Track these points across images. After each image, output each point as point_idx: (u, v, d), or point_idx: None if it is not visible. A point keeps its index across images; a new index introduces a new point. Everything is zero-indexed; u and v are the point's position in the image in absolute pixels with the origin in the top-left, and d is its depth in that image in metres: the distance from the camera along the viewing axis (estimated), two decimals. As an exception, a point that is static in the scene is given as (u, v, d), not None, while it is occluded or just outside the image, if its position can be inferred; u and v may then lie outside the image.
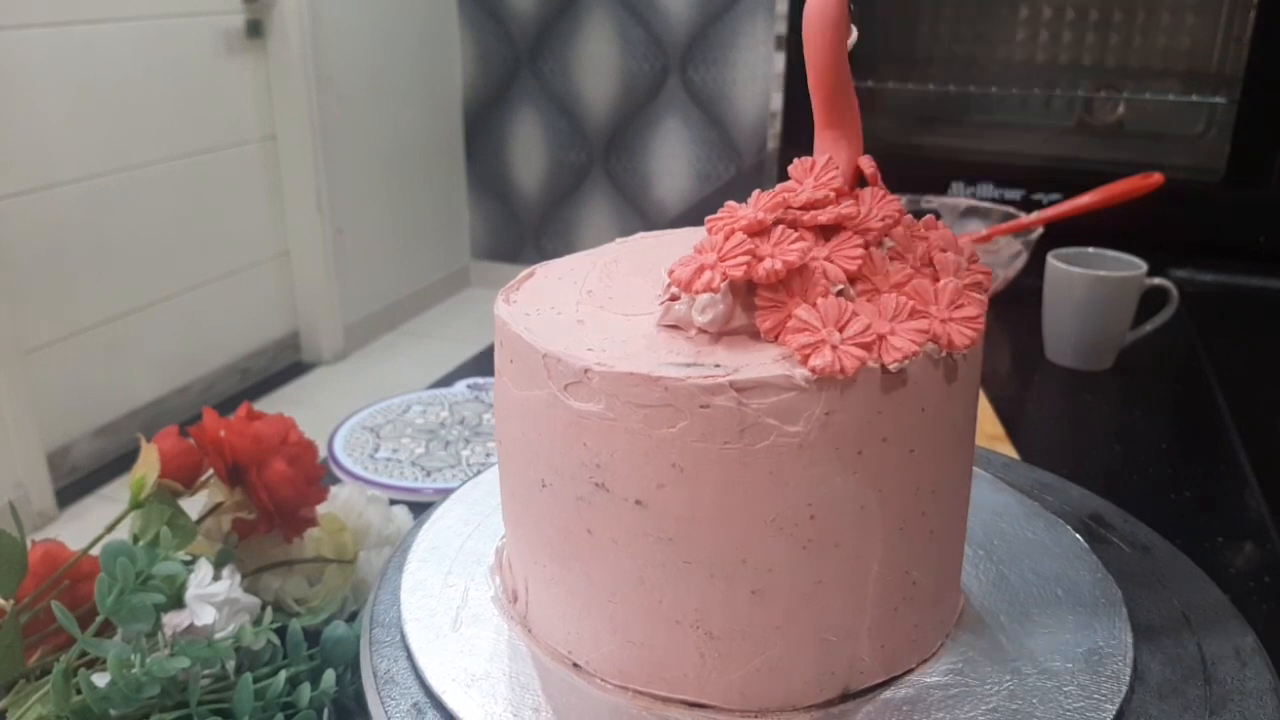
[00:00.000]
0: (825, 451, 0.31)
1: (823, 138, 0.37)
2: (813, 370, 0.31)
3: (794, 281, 0.32)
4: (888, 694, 0.35)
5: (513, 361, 0.35)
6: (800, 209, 0.34)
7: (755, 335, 0.33)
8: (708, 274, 0.32)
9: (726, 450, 0.31)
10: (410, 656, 0.37)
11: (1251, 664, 0.36)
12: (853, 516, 0.33)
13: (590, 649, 0.36)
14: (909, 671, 0.36)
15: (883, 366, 0.31)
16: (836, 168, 0.36)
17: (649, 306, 0.36)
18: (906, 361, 0.31)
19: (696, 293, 0.32)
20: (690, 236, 0.42)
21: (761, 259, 0.32)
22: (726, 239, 0.33)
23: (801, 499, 0.32)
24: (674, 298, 0.34)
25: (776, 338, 0.32)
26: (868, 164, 0.36)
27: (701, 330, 0.33)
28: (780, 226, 0.33)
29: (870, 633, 0.35)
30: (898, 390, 0.32)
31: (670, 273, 0.33)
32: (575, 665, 0.36)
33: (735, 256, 0.32)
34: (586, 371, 0.32)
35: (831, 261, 0.33)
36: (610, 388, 0.31)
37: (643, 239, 0.43)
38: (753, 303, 0.33)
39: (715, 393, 0.30)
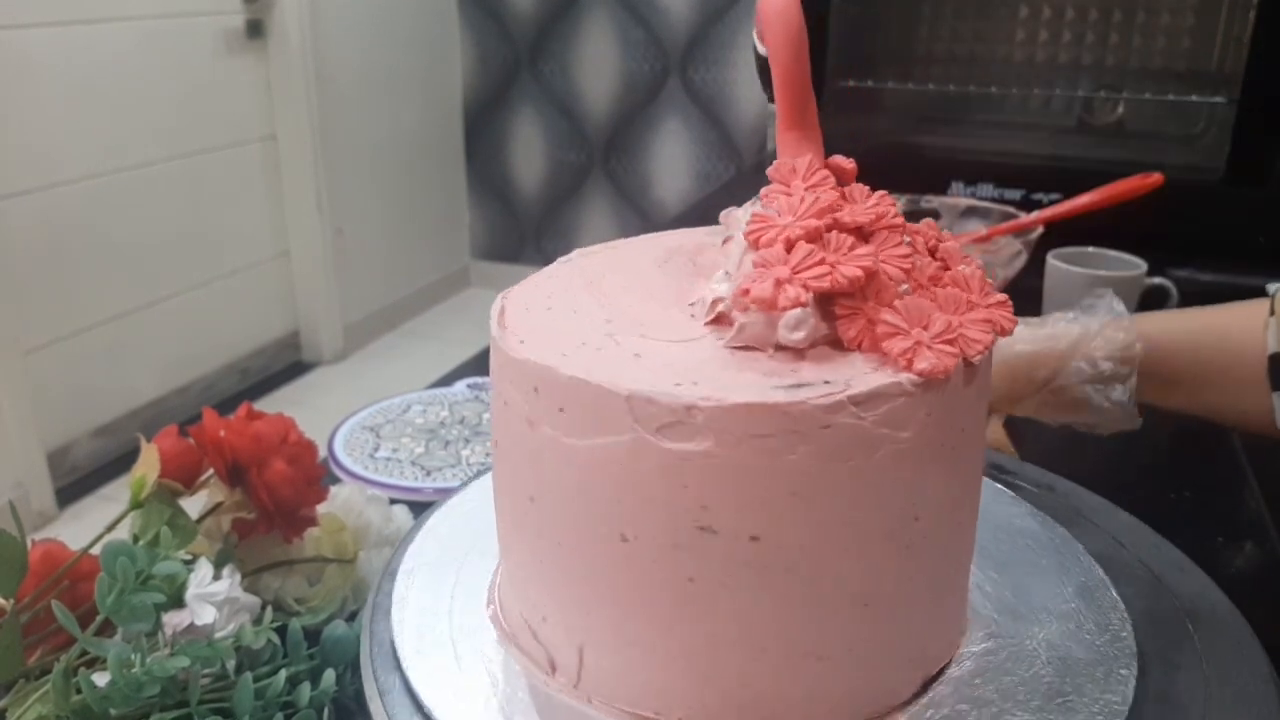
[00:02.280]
0: (927, 452, 0.31)
1: (787, 139, 0.37)
2: (919, 374, 0.30)
3: (867, 286, 0.32)
4: (953, 672, 0.36)
5: (564, 410, 0.31)
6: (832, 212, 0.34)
7: (833, 345, 0.32)
8: (791, 289, 0.31)
9: (846, 468, 0.30)
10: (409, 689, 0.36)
11: (1255, 671, 0.36)
12: (949, 513, 0.33)
13: (679, 704, 0.34)
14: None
15: (965, 360, 0.31)
16: (821, 168, 0.36)
17: (686, 329, 0.34)
18: (985, 352, 0.32)
19: (783, 309, 0.31)
20: (634, 248, 0.41)
21: (836, 266, 0.31)
22: (789, 250, 0.32)
23: (909, 503, 0.32)
24: (719, 318, 0.33)
25: (860, 345, 0.31)
26: (848, 162, 0.37)
27: (783, 347, 0.32)
28: (834, 232, 0.33)
29: (949, 620, 0.36)
30: (973, 382, 0.32)
31: (744, 293, 0.31)
32: None
33: (810, 268, 0.31)
34: (689, 409, 0.29)
35: (886, 262, 0.33)
36: (720, 423, 0.29)
37: (585, 255, 0.41)
38: (830, 312, 0.32)
39: (835, 411, 0.29)
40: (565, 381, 0.31)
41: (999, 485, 0.48)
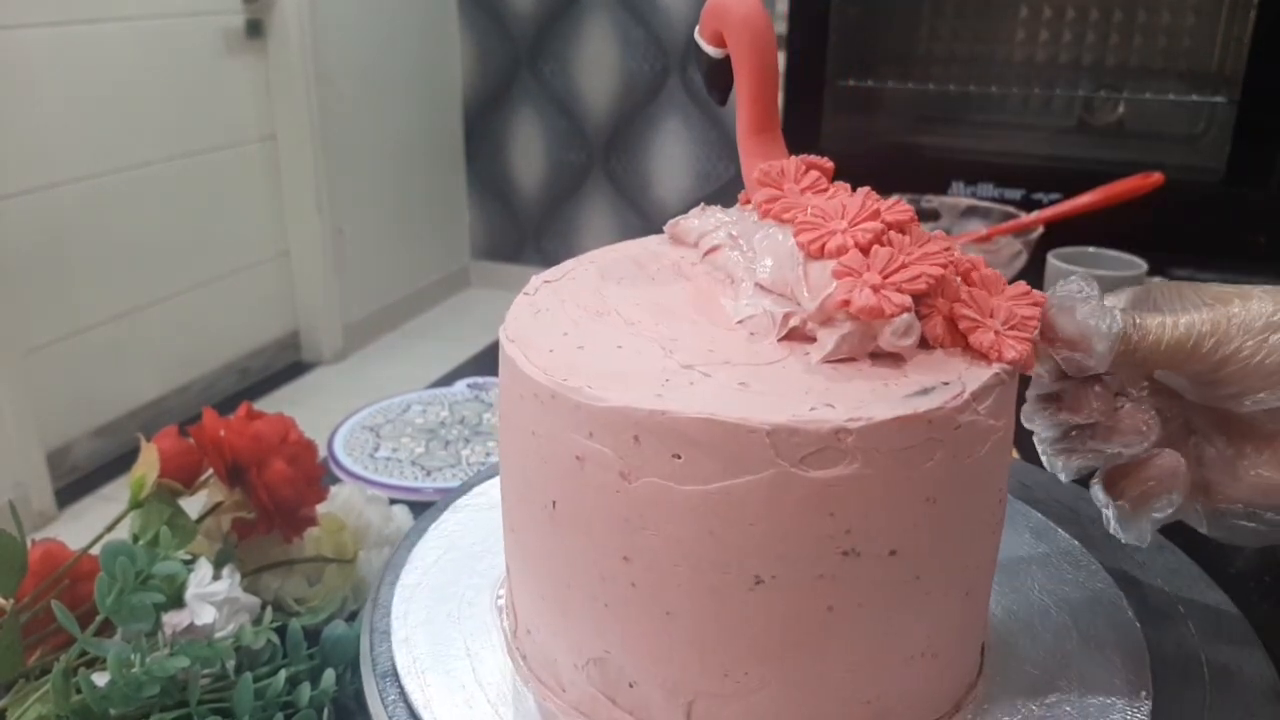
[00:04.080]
0: (1009, 435, 0.32)
1: (753, 142, 0.38)
2: (1010, 364, 0.31)
3: (939, 283, 0.32)
4: (991, 638, 0.37)
5: (680, 456, 0.29)
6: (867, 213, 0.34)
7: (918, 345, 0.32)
8: (894, 295, 0.31)
9: (966, 465, 0.30)
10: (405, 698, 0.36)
11: (1252, 666, 0.36)
12: (1006, 484, 0.34)
13: None
14: None
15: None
16: (810, 169, 0.36)
17: (758, 350, 0.32)
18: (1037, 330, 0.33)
19: (891, 316, 0.30)
20: (595, 266, 0.39)
21: (916, 267, 0.31)
22: (867, 254, 0.31)
23: (999, 487, 0.33)
24: (794, 333, 0.32)
25: (941, 342, 0.32)
26: (825, 161, 0.37)
27: (877, 355, 0.31)
28: (891, 232, 0.32)
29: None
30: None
31: (843, 304, 0.31)
32: None
33: (898, 270, 0.31)
34: (838, 433, 0.28)
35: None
36: (868, 442, 0.28)
37: (551, 281, 0.39)
38: (915, 311, 0.32)
39: (963, 411, 0.29)
40: (685, 424, 0.28)
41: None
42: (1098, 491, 0.36)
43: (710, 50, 0.40)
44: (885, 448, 0.28)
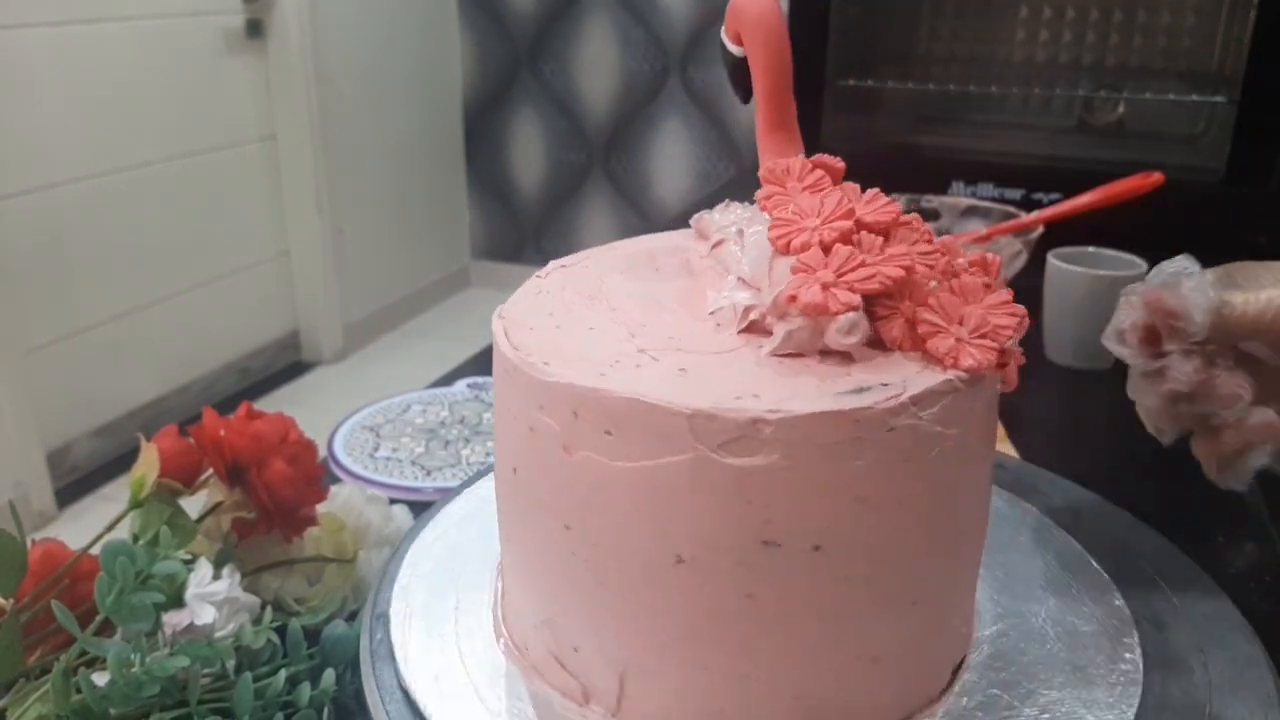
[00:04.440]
0: (972, 446, 0.32)
1: (769, 141, 0.38)
2: (967, 370, 0.30)
3: (903, 285, 0.32)
4: (973, 658, 0.37)
5: (611, 433, 0.30)
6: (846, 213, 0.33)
7: (873, 345, 0.32)
8: (842, 293, 0.31)
9: (905, 469, 0.30)
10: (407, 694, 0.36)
11: (1252, 669, 0.36)
12: (980, 500, 0.34)
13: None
14: None
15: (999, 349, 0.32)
16: (816, 168, 0.36)
17: (718, 340, 0.33)
18: (1013, 337, 0.32)
19: (835, 314, 0.31)
20: (612, 255, 0.40)
21: (877, 267, 0.31)
22: (827, 253, 0.32)
23: (954, 498, 0.32)
24: (753, 326, 0.32)
25: (901, 345, 0.31)
26: (836, 161, 0.37)
27: (828, 352, 0.31)
28: (863, 232, 0.32)
29: (972, 608, 0.37)
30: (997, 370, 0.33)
31: (791, 300, 0.31)
32: None
33: (853, 270, 0.31)
34: (755, 422, 0.28)
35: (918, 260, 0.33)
36: (788, 434, 0.28)
37: (564, 267, 0.40)
38: (871, 313, 0.32)
39: (898, 414, 0.29)
40: (615, 403, 0.29)
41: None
42: (1199, 448, 0.41)
43: (733, 49, 0.40)
44: (805, 442, 0.28)
